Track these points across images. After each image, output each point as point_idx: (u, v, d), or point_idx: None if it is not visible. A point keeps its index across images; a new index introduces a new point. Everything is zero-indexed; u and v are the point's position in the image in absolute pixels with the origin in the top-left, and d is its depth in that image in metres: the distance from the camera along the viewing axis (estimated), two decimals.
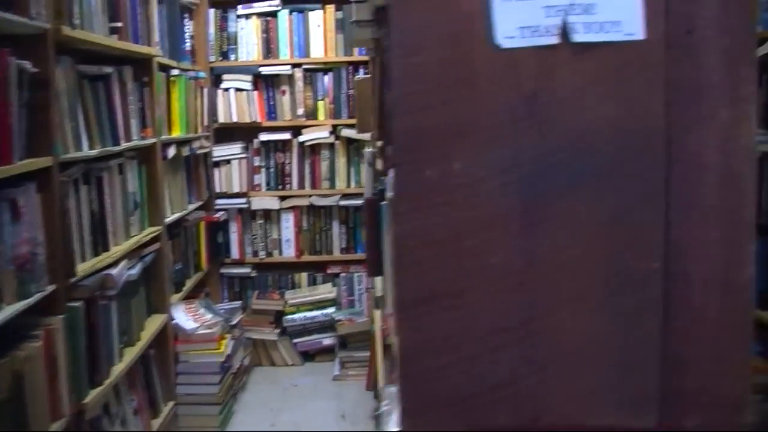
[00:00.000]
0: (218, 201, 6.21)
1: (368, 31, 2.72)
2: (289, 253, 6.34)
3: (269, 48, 6.18)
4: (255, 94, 6.18)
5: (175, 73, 5.13)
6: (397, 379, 1.47)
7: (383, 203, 2.60)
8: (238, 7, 6.17)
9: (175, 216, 5.05)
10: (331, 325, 6.08)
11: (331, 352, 6.11)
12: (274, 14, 6.16)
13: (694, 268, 1.42)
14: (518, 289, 1.41)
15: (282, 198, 6.27)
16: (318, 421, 5.07)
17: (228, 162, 6.22)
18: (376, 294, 4.59)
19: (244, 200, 6.24)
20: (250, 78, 6.14)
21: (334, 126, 6.18)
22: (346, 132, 6.12)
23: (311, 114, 6.22)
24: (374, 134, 3.64)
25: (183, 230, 5.34)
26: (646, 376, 1.44)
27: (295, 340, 6.12)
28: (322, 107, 6.23)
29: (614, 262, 1.41)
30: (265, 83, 6.22)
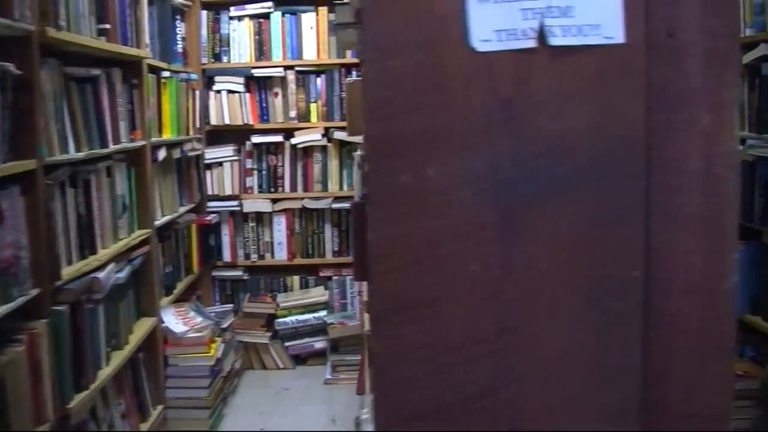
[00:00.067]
0: (210, 203, 6.17)
1: (353, 33, 2.70)
2: (281, 255, 6.31)
3: (262, 50, 6.15)
4: (247, 96, 6.15)
5: (166, 74, 5.10)
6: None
7: None
8: (231, 8, 6.14)
9: (165, 218, 5.02)
10: (322, 329, 6.05)
11: (322, 356, 6.08)
12: (266, 16, 6.13)
13: (675, 277, 1.40)
14: (495, 298, 1.38)
15: (274, 200, 6.23)
16: (308, 425, 5.03)
17: (220, 164, 6.19)
18: (364, 298, 4.56)
19: (236, 203, 6.20)
20: (242, 80, 6.11)
21: (327, 128, 6.15)
22: (339, 134, 6.09)
23: (304, 116, 6.20)
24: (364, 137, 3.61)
25: (174, 233, 5.31)
26: (625, 386, 1.42)
27: (287, 344, 6.09)
28: (314, 109, 6.20)
29: (593, 270, 1.39)
30: (258, 85, 6.19)
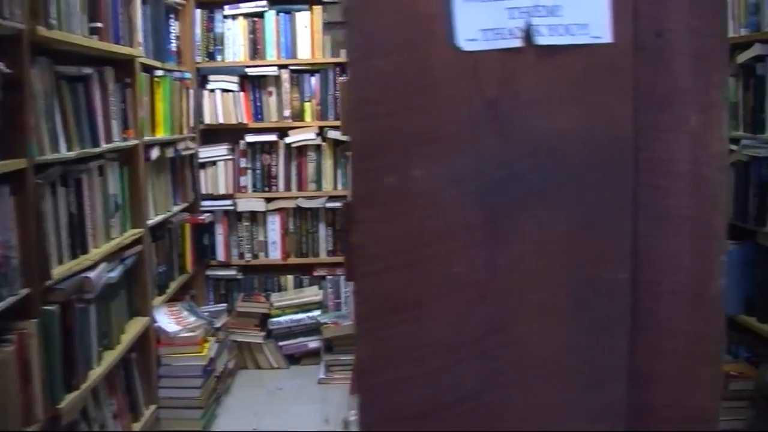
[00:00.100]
0: (204, 202, 6.16)
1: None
2: (275, 255, 6.29)
3: (256, 49, 6.13)
4: (241, 95, 6.13)
5: (160, 73, 5.07)
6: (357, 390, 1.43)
7: None
8: (225, 7, 6.12)
9: (159, 218, 5.00)
10: (316, 328, 6.03)
11: (316, 356, 6.06)
12: (260, 15, 6.11)
13: (663, 279, 1.39)
14: (481, 301, 1.37)
15: (268, 200, 6.22)
16: (301, 425, 5.01)
17: (214, 163, 6.17)
18: None
19: (230, 202, 6.18)
20: (236, 79, 6.09)
21: (321, 127, 6.13)
22: (333, 134, 6.07)
23: (298, 115, 6.18)
24: None
25: (167, 232, 5.29)
26: (613, 389, 1.40)
27: (281, 343, 6.07)
28: (308, 108, 6.18)
29: (580, 272, 1.37)
30: (252, 84, 6.17)
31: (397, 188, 1.33)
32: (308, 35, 6.08)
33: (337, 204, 6.04)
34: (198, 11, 6.07)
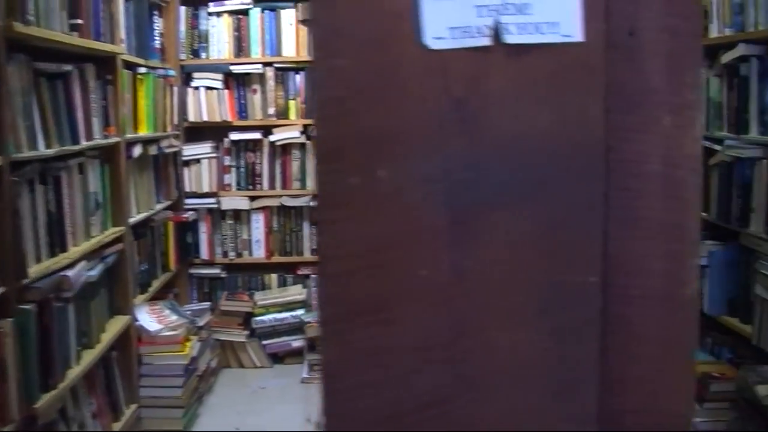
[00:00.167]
0: (188, 201, 6.14)
1: None
2: (259, 253, 6.28)
3: (240, 46, 6.12)
4: (226, 92, 6.11)
5: (143, 71, 5.05)
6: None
7: None
8: (210, 4, 6.10)
9: (141, 216, 4.98)
10: (300, 327, 6.01)
11: (300, 355, 6.04)
12: (245, 12, 6.10)
13: (634, 283, 1.36)
14: (448, 304, 1.34)
15: (252, 198, 6.20)
16: (284, 424, 4.99)
17: (198, 161, 6.15)
18: None
19: (213, 200, 6.17)
20: (220, 76, 6.07)
21: (306, 126, 6.10)
22: None
23: (282, 113, 6.16)
24: None
25: (150, 230, 5.27)
26: (583, 395, 1.38)
27: (264, 342, 6.05)
28: (293, 107, 6.16)
29: (549, 276, 1.35)
30: (236, 82, 6.15)
31: (361, 189, 1.30)
32: (293, 33, 6.07)
33: None
34: (182, 8, 6.06)
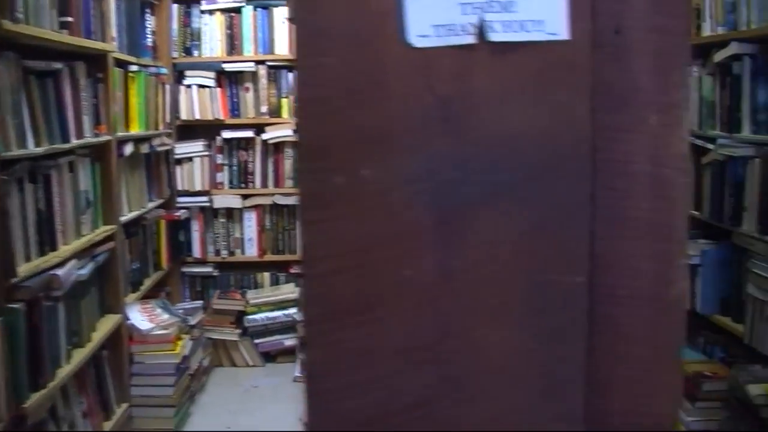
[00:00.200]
0: (180, 199, 6.12)
1: None
2: (251, 252, 6.27)
3: (233, 44, 6.11)
4: (218, 91, 6.10)
5: (134, 68, 5.04)
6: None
7: None
8: (202, 2, 6.09)
9: (133, 214, 4.97)
10: (292, 326, 6.00)
11: (292, 353, 6.04)
12: (238, 10, 6.09)
13: (621, 283, 1.35)
14: (434, 304, 1.33)
15: (245, 196, 6.20)
16: (276, 423, 4.98)
17: (190, 159, 6.14)
18: None
19: (206, 198, 6.16)
20: (213, 74, 6.06)
21: None
22: None
23: (275, 112, 6.15)
24: None
25: (142, 228, 5.26)
26: (570, 395, 1.37)
27: (257, 341, 6.03)
28: (286, 105, 6.16)
29: (536, 276, 1.33)
30: (229, 80, 6.14)
31: (345, 188, 1.29)
32: (286, 31, 6.06)
33: None
34: (175, 6, 6.05)
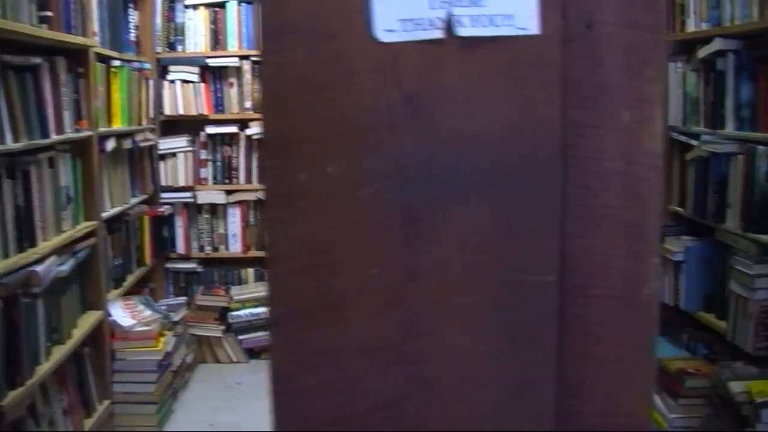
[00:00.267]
0: (163, 194, 6.10)
1: None
2: (235, 248, 6.25)
3: (217, 39, 6.08)
4: (202, 86, 6.07)
5: (117, 63, 5.00)
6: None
7: None
8: None
9: (115, 210, 4.94)
10: None
11: None
12: (222, 5, 6.06)
13: (593, 282, 1.33)
14: (401, 304, 1.30)
15: (229, 192, 6.17)
16: (259, 420, 4.93)
17: (174, 155, 6.11)
18: None
19: (189, 194, 6.13)
20: (197, 69, 6.03)
21: None
22: None
23: (259, 107, 6.08)
24: None
25: (124, 224, 5.22)
26: (540, 397, 1.35)
27: (241, 337, 6.00)
28: None
29: (506, 275, 1.31)
30: (213, 75, 6.12)
31: (310, 185, 1.27)
32: None
33: None
34: (158, 0, 6.01)
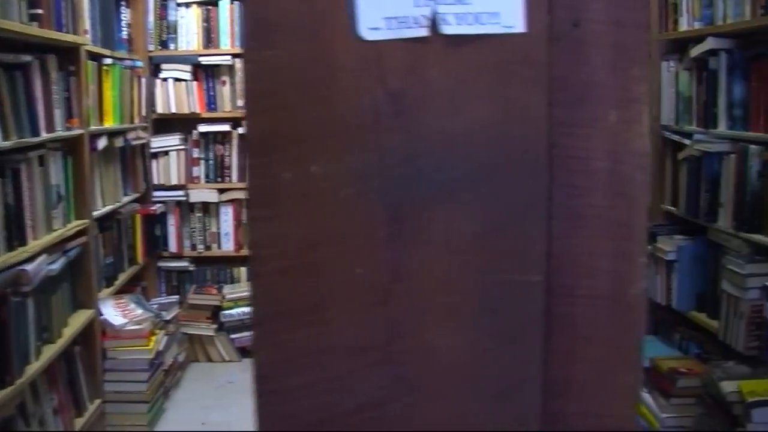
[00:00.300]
0: (156, 193, 6.07)
1: None
2: (228, 246, 6.23)
3: (210, 37, 6.06)
4: (194, 84, 6.05)
5: (109, 61, 4.99)
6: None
7: None
8: None
9: (107, 208, 4.93)
10: None
11: None
12: (215, 3, 6.04)
13: (579, 282, 1.32)
14: (385, 304, 1.29)
15: (221, 191, 6.16)
16: (250, 419, 4.91)
17: (166, 153, 6.09)
18: None
19: (182, 192, 6.11)
20: (189, 68, 6.01)
21: None
22: None
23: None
24: None
25: (116, 223, 5.21)
26: (526, 397, 1.34)
27: (233, 336, 5.98)
28: None
29: (491, 275, 1.30)
30: (205, 73, 6.10)
31: (294, 185, 1.25)
32: None
33: None
34: None
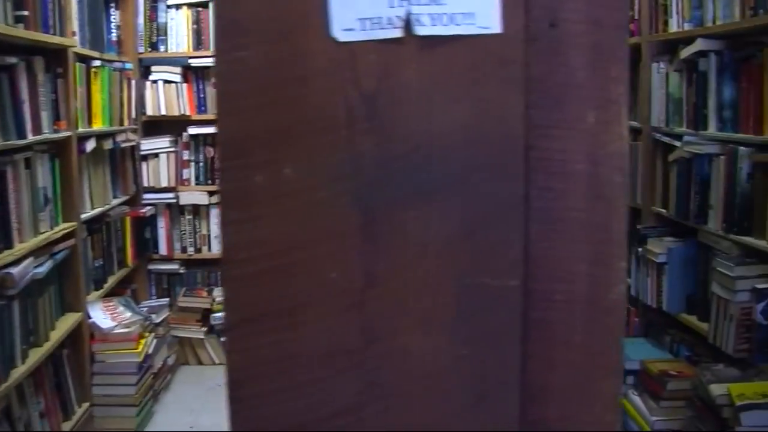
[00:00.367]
0: (146, 195, 6.07)
1: None
2: (218, 249, 6.18)
3: (200, 39, 6.05)
4: (184, 86, 6.05)
5: (97, 63, 4.97)
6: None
7: None
8: None
9: (96, 211, 4.93)
10: None
11: None
12: (205, 5, 6.04)
13: (557, 287, 1.30)
14: (358, 309, 1.27)
15: (211, 193, 6.16)
16: None
17: (156, 156, 6.09)
18: None
19: (172, 195, 6.10)
20: (179, 70, 6.00)
21: None
22: None
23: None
24: None
25: (105, 225, 5.20)
26: (503, 403, 1.32)
27: (223, 339, 5.93)
28: None
29: (467, 279, 1.28)
30: (195, 75, 6.10)
31: (266, 188, 1.23)
32: None
33: None
34: (141, 0, 5.96)
